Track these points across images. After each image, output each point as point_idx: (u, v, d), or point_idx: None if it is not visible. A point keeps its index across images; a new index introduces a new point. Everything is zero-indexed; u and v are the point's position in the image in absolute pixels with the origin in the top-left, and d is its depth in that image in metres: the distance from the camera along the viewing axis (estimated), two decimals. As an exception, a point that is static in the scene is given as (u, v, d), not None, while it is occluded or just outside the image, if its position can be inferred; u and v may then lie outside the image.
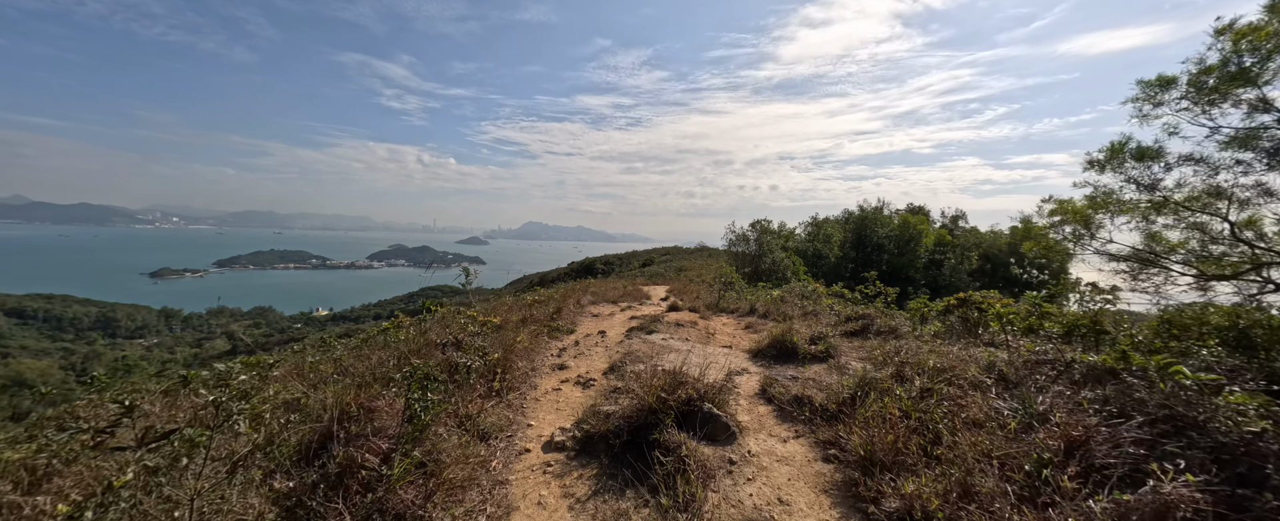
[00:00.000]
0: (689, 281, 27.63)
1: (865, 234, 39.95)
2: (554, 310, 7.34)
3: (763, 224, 30.44)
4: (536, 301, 8.62)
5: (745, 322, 8.81)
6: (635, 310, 10.09)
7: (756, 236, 29.66)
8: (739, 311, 10.46)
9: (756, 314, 9.65)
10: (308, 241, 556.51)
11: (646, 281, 33.17)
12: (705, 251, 56.14)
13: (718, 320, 9.34)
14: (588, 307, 10.07)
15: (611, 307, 10.65)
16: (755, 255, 28.98)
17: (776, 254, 27.71)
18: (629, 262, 67.19)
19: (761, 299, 12.67)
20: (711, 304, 12.08)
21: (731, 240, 30.29)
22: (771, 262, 27.35)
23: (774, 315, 9.04)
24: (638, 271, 50.74)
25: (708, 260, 46.18)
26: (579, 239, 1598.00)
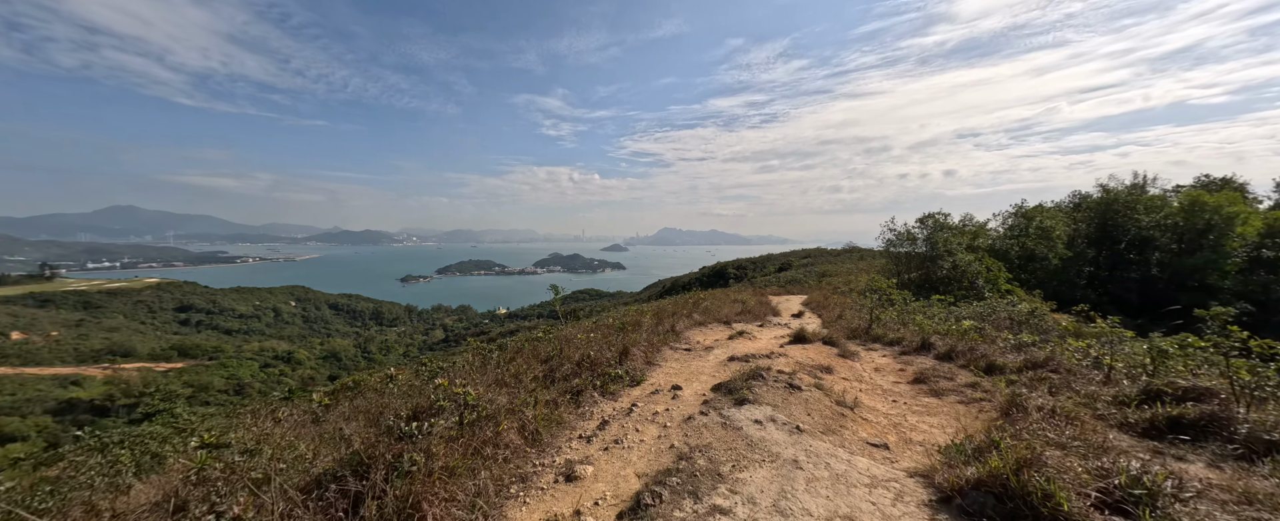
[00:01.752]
0: (832, 291, 23.15)
1: (1114, 225, 27.83)
2: (620, 350, 5.33)
3: (936, 217, 23.72)
4: (624, 325, 7.31)
5: (914, 370, 5.78)
6: (748, 338, 7.94)
7: (927, 233, 23.20)
8: (903, 344, 7.35)
9: (933, 352, 6.50)
10: (492, 253, 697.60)
11: (780, 290, 29.26)
12: (855, 253, 48.01)
13: (867, 361, 6.53)
14: (687, 333, 8.27)
15: (718, 332, 8.67)
16: (926, 257, 22.64)
17: (959, 256, 21.04)
18: (764, 267, 62.35)
19: (940, 324, 9.00)
20: (859, 329, 9.05)
21: (890, 239, 24.33)
22: (951, 267, 20.87)
23: (964, 356, 5.87)
24: (772, 277, 46.21)
25: (857, 264, 39.07)
26: (712, 243, 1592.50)
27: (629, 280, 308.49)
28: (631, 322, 8.10)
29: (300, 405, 5.06)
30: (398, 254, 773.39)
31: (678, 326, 7.82)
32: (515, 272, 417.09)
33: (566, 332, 6.72)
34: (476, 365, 4.88)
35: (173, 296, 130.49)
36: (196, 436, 2.88)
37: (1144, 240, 27.07)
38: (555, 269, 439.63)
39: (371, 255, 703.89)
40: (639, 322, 8.14)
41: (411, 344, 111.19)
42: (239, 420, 4.50)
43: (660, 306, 11.63)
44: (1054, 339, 5.99)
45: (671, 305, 12.17)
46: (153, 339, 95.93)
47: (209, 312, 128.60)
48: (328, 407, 4.43)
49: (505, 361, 4.84)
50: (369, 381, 5.93)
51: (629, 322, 7.62)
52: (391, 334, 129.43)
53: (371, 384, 5.64)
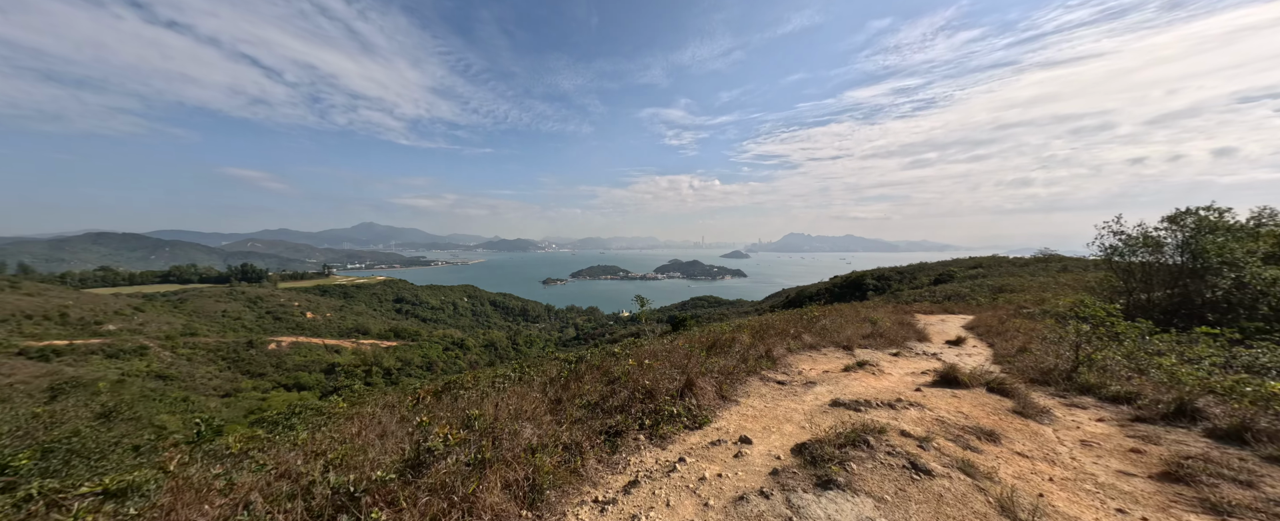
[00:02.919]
0: (1012, 312, 17.75)
1: None
2: (684, 382, 4.19)
3: (1204, 214, 16.29)
4: (715, 342, 6.29)
5: (1162, 454, 3.39)
6: (872, 371, 6.10)
7: (1187, 236, 16.07)
8: (1139, 403, 4.66)
9: (1204, 425, 3.86)
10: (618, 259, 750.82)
11: (934, 307, 23.69)
12: (1053, 263, 36.60)
13: (1066, 427, 4.23)
14: (789, 359, 6.78)
15: (831, 361, 6.97)
16: (1183, 271, 15.64)
17: (1251, 269, 13.90)
18: (914, 278, 52.50)
19: (1212, 376, 5.67)
20: (1056, 372, 6.24)
21: (1116, 245, 17.53)
22: (1234, 286, 13.92)
23: (1271, 439, 3.32)
24: (925, 291, 38.32)
25: (1057, 277, 29.65)
26: (847, 249, 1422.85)
27: (750, 288, 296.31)
28: (726, 340, 7.13)
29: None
30: (541, 259, 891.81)
31: (775, 351, 6.49)
32: (638, 277, 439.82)
33: (652, 348, 6.17)
34: (534, 384, 4.66)
35: (392, 290, 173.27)
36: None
37: None
38: (675, 275, 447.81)
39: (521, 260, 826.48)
40: (733, 340, 7.11)
41: (549, 339, 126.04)
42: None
43: (767, 321, 10.23)
44: None
45: (781, 320, 10.62)
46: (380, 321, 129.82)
47: (413, 304, 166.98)
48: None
49: (567, 382, 4.47)
50: (465, 380, 6.38)
51: (722, 340, 6.65)
52: (534, 329, 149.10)
53: (466, 381, 6.03)
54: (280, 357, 75.71)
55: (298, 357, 77.28)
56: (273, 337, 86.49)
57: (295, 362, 74.71)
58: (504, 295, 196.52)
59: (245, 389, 56.92)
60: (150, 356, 60.26)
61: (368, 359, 78.77)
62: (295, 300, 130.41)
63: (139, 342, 63.97)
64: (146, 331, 75.04)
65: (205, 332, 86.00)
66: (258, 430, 4.60)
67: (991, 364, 8.45)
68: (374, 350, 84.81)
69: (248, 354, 74.66)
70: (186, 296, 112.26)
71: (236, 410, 41.59)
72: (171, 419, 37.35)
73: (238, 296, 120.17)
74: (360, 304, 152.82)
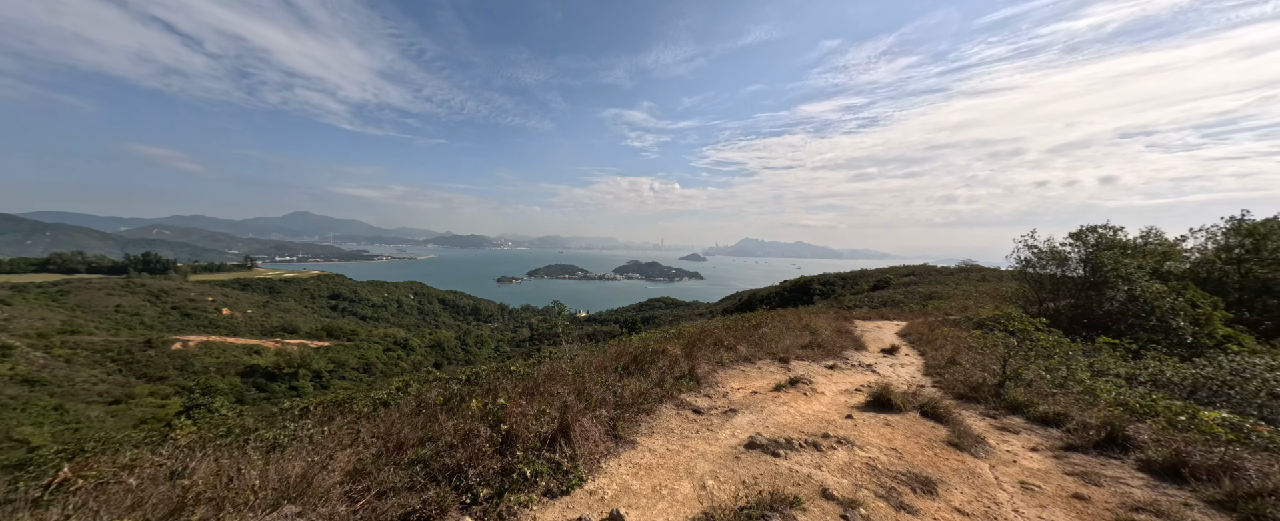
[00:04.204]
0: (941, 320, 18.63)
1: None
2: (557, 425, 3.13)
3: (1102, 232, 17.88)
4: (635, 358, 5.47)
5: (1108, 498, 3.03)
6: (803, 391, 5.48)
7: (1087, 253, 17.55)
8: (1069, 426, 4.42)
9: (1137, 456, 3.58)
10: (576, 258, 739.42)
11: (872, 314, 24.68)
12: (973, 273, 39.76)
13: (1003, 461, 3.76)
14: (716, 376, 6.05)
15: (763, 377, 6.34)
16: (1085, 283, 17.05)
17: (1141, 283, 15.33)
18: (855, 284, 55.48)
19: (1124, 390, 5.67)
20: (984, 386, 6.08)
21: (1029, 258, 18.92)
22: (1127, 298, 15.28)
23: (1212, 476, 2.98)
24: (864, 297, 40.36)
25: (977, 286, 32.05)
26: (797, 255, 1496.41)
27: (706, 290, 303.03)
28: (653, 352, 6.35)
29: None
30: (496, 256, 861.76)
31: (701, 369, 5.72)
32: (597, 278, 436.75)
33: (550, 368, 5.20)
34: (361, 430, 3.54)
35: (327, 286, 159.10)
36: None
37: None
38: (634, 276, 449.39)
39: (475, 257, 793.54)
40: (662, 352, 6.35)
41: (501, 340, 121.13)
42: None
43: (706, 329, 9.64)
44: None
45: (721, 327, 10.09)
46: (311, 320, 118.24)
47: (351, 301, 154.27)
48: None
49: (442, 407, 3.43)
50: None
51: (649, 352, 5.84)
52: (486, 329, 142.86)
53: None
54: (187, 359, 66.66)
55: (208, 359, 68.46)
56: (178, 337, 76.10)
57: (205, 365, 66.09)
58: (454, 293, 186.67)
59: (139, 395, 49.30)
60: (15, 357, 50.70)
61: (294, 360, 71.18)
62: (209, 294, 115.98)
63: (1, 341, 53.70)
64: (12, 328, 63.32)
65: (91, 330, 74.00)
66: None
67: (923, 375, 8.37)
68: (302, 351, 76.90)
69: (145, 355, 64.95)
70: (70, 288, 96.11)
71: (125, 419, 35.74)
72: (37, 431, 31.07)
73: (136, 290, 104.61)
74: (288, 300, 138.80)
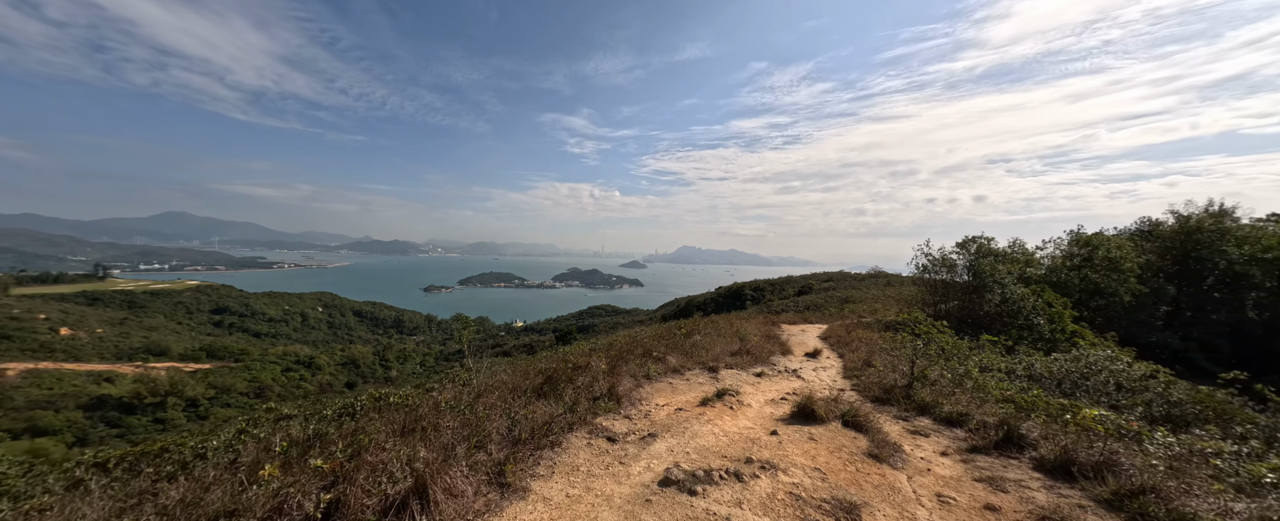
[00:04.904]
0: (856, 322, 20.12)
1: (1199, 257, 23.76)
2: (411, 486, 2.26)
3: (981, 242, 20.55)
4: (549, 377, 4.86)
5: (1018, 505, 3.14)
6: (730, 405, 5.20)
7: (970, 260, 20.04)
8: (971, 426, 4.66)
9: (1031, 454, 3.77)
10: (513, 265, 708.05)
11: (797, 317, 26.24)
12: (881, 278, 44.26)
13: (917, 470, 3.70)
14: (639, 393, 5.63)
15: (690, 391, 6.04)
16: (969, 287, 19.43)
17: (1011, 287, 17.81)
18: (783, 289, 59.21)
19: (1009, 384, 6.26)
20: (895, 388, 6.39)
21: (925, 265, 21.20)
22: (1001, 300, 17.65)
23: (1099, 474, 3.17)
24: (790, 301, 43.12)
25: (884, 290, 35.56)
26: (732, 262, 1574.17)
27: (646, 297, 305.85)
28: (572, 367, 5.75)
29: None
30: (423, 264, 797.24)
31: (622, 386, 5.24)
32: (535, 286, 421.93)
33: (437, 399, 4.36)
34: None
35: (210, 299, 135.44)
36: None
37: (1236, 277, 22.92)
38: (573, 283, 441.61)
39: (398, 264, 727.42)
40: (585, 367, 5.77)
41: (428, 353, 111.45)
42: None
43: (636, 337, 9.24)
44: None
45: (652, 336, 9.77)
46: (187, 339, 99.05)
47: (241, 315, 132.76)
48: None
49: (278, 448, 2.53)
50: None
51: (568, 368, 5.23)
52: (410, 342, 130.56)
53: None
54: (5, 392, 52.04)
55: (37, 391, 54.17)
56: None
57: (32, 398, 52.05)
58: (373, 304, 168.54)
59: (-94, 448, 37.46)
60: None
61: (160, 387, 58.92)
62: (41, 310, 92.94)
63: None
64: None
65: None
66: None
67: (843, 378, 8.72)
68: (173, 376, 63.95)
69: (-77, 393, 50.07)
70: None
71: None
72: None
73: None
74: (156, 315, 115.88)
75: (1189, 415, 5.88)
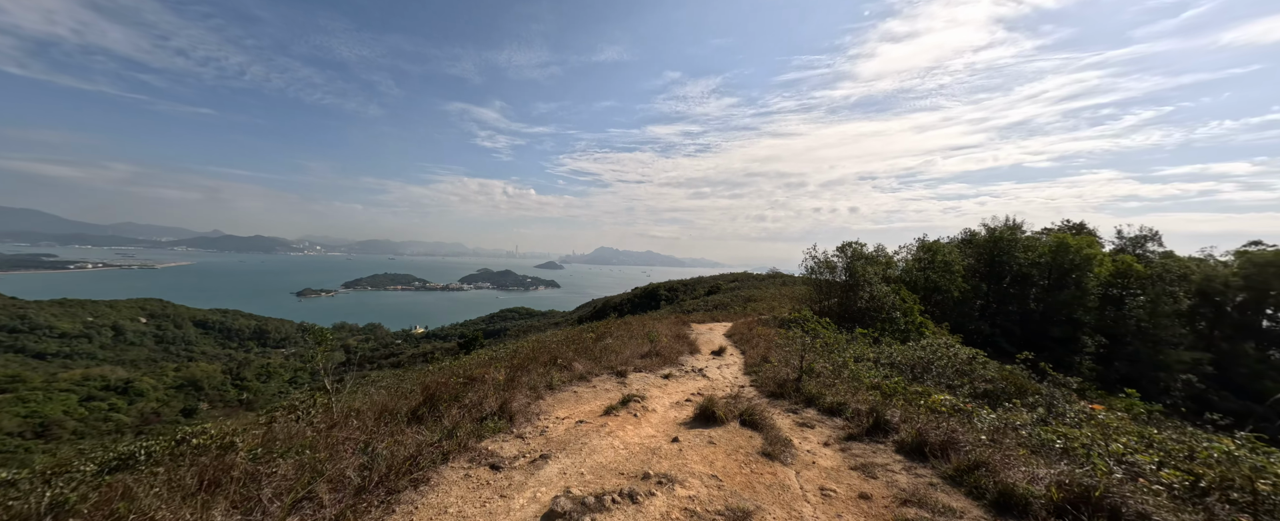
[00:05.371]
0: (757, 319, 21.86)
1: (1001, 260, 30.47)
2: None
3: (855, 247, 23.75)
4: (426, 396, 4.18)
5: (884, 491, 3.52)
6: (634, 412, 5.01)
7: (847, 262, 23.04)
8: (848, 414, 5.20)
9: (894, 436, 4.33)
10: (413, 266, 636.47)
11: (706, 316, 27.76)
12: (778, 279, 49.07)
13: (804, 464, 4.03)
14: (537, 406, 5.24)
15: (595, 399, 5.79)
16: (846, 286, 22.32)
17: (877, 286, 20.88)
18: (694, 289, 62.35)
19: (879, 375, 7.23)
20: (788, 381, 6.97)
21: (812, 266, 23.90)
22: (869, 298, 20.58)
23: (944, 452, 3.74)
24: (701, 300, 45.56)
25: (780, 289, 39.37)
26: (648, 263, 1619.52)
27: (563, 299, 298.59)
28: (463, 381, 5.10)
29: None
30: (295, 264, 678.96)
31: (517, 401, 4.76)
32: (439, 288, 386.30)
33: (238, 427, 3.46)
34: None
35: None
36: None
37: (1023, 276, 29.91)
38: (484, 285, 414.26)
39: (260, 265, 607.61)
40: (480, 380, 5.16)
41: (302, 368, 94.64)
42: None
43: (543, 344, 8.72)
44: (1079, 436, 3.96)
45: (560, 340, 9.33)
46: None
47: (13, 331, 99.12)
48: None
49: None
50: None
51: (461, 380, 4.58)
52: (277, 357, 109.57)
53: None
54: None
55: None
56: None
57: None
58: (225, 312, 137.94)
59: None
60: None
61: None
62: None
63: None
64: None
65: None
66: None
67: (744, 374, 9.25)
68: None
69: None
70: None
71: None
72: None
73: None
74: None
75: (998, 390, 7.31)
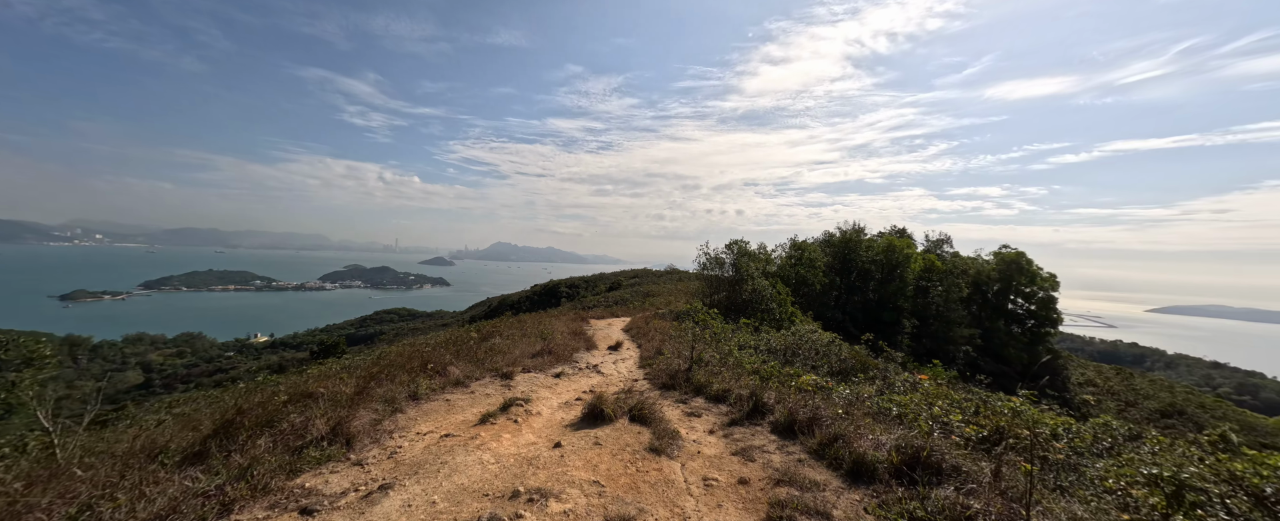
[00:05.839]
0: (654, 313, 22.56)
1: (850, 258, 36.49)
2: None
3: (740, 245, 26.05)
4: (222, 425, 3.16)
5: (760, 472, 3.66)
6: (514, 418, 4.47)
7: (733, 259, 25.17)
8: (731, 401, 5.47)
9: (770, 418, 4.65)
10: (253, 261, 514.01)
11: (606, 312, 27.86)
12: (675, 275, 51.81)
13: (690, 456, 4.08)
14: (399, 418, 4.41)
15: (477, 404, 5.09)
16: (733, 281, 24.38)
17: (758, 280, 23.20)
18: (596, 286, 62.28)
19: (760, 361, 7.86)
20: (679, 373, 7.14)
21: (704, 263, 25.63)
22: (752, 291, 22.77)
23: (810, 429, 4.10)
24: (602, 296, 45.74)
25: (677, 285, 41.52)
26: (549, 260, 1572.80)
27: (453, 297, 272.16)
28: (299, 395, 3.98)
29: None
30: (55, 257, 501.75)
31: (357, 421, 3.79)
32: (291, 288, 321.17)
33: None
34: None
35: None
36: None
37: (864, 271, 36.33)
38: (355, 284, 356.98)
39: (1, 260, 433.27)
40: (309, 398, 4.07)
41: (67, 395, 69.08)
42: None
43: (415, 348, 7.54)
44: (908, 402, 4.70)
45: (440, 343, 8.20)
46: None
47: None
48: None
49: None
50: None
51: (275, 402, 3.49)
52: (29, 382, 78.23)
53: None
54: None
55: None
56: None
57: None
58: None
59: None
60: None
61: None
62: None
63: None
64: None
65: None
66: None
67: (639, 368, 9.29)
68: None
69: None
70: None
71: None
72: None
73: None
74: None
75: (849, 368, 8.54)
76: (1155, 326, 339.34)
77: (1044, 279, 36.93)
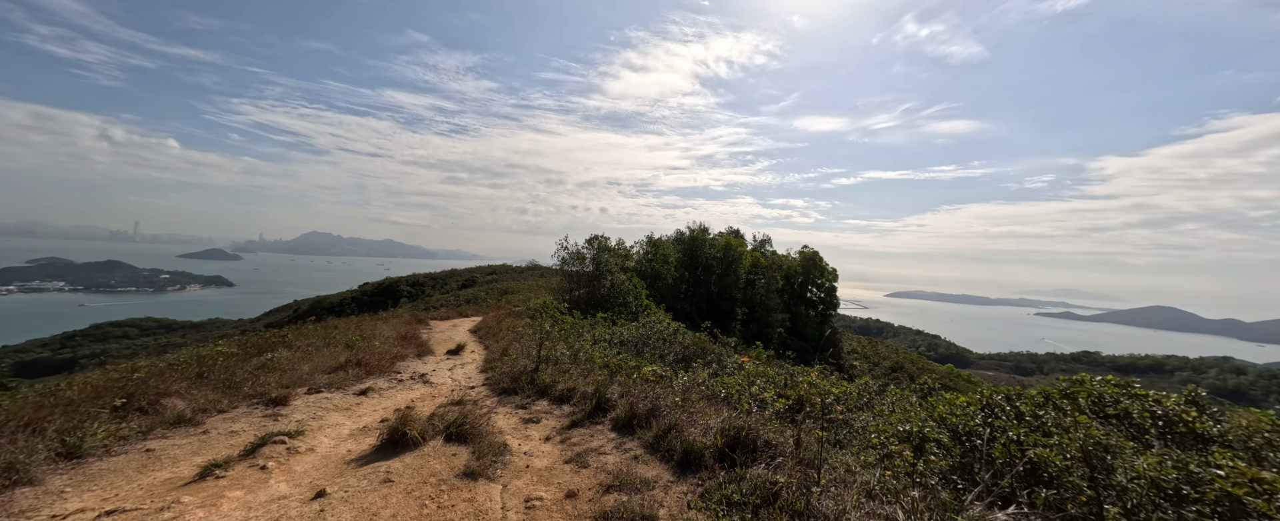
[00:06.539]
0: (509, 311, 20.99)
1: (697, 255, 40.75)
2: None
3: (601, 240, 26.35)
4: None
5: (592, 477, 3.36)
6: (262, 465, 3.06)
7: (593, 254, 25.30)
8: (576, 400, 5.11)
9: (612, 414, 4.44)
10: None
11: (453, 312, 24.75)
12: (537, 271, 49.79)
13: (519, 471, 3.48)
14: (43, 486, 2.49)
15: (198, 455, 3.40)
16: (593, 276, 24.47)
17: (616, 275, 23.80)
18: (446, 283, 55.28)
19: (611, 355, 7.74)
20: (523, 374, 6.45)
21: (565, 258, 25.11)
22: (611, 286, 23.25)
23: (649, 421, 4.02)
24: (453, 295, 40.85)
25: (538, 281, 39.97)
26: (388, 254, 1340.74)
27: (239, 302, 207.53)
28: None
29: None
30: None
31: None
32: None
33: None
34: None
35: None
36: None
37: (708, 266, 41.18)
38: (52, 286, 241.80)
39: None
40: None
41: None
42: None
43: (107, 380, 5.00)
44: (733, 384, 5.06)
45: (178, 362, 5.69)
46: None
47: None
48: None
49: None
50: None
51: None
52: None
53: None
54: None
55: None
56: None
57: None
58: None
59: None
60: None
61: None
62: None
63: None
64: None
65: None
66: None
67: (480, 373, 8.23)
68: None
69: None
70: None
71: None
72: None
73: None
74: None
75: (691, 354, 9.18)
76: (890, 306, 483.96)
77: (829, 272, 47.79)
